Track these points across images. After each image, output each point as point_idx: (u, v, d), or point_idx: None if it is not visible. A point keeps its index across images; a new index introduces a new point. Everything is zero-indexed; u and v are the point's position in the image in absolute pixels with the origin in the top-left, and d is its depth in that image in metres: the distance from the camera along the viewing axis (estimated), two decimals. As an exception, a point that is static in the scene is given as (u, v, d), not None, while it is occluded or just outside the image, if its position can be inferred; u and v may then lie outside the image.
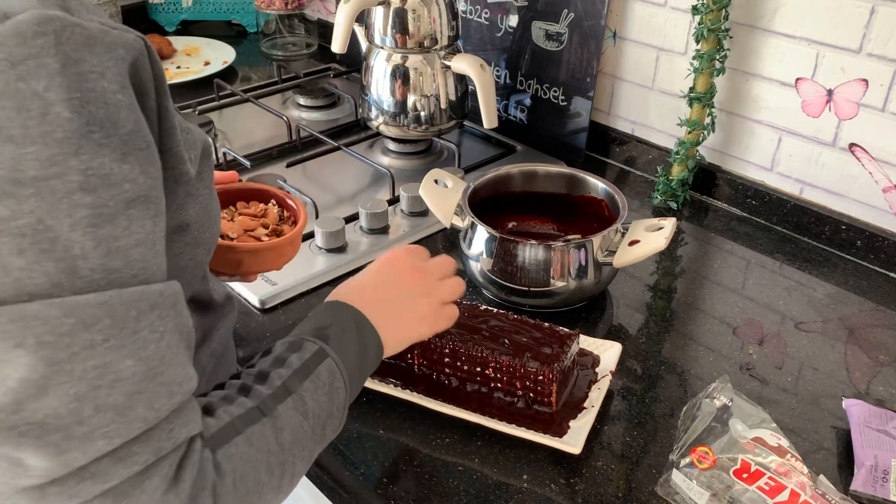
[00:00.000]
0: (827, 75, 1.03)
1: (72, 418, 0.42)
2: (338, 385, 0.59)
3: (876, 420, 0.76)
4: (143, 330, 0.44)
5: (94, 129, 0.42)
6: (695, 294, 0.99)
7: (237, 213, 0.81)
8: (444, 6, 1.18)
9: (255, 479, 0.51)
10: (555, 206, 1.04)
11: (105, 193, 0.43)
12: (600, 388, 0.79)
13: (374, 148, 1.34)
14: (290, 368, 0.57)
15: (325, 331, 0.62)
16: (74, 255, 0.42)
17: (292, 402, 0.55)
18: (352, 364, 0.61)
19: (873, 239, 1.04)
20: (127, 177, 0.44)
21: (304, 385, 0.57)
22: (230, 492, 0.49)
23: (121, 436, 0.43)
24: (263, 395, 0.54)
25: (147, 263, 0.45)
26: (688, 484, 0.69)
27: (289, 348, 0.59)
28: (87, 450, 0.42)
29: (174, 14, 1.84)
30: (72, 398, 0.42)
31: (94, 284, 0.42)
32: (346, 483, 0.73)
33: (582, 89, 1.25)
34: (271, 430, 0.53)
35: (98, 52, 0.43)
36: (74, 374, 0.42)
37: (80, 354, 0.42)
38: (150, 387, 0.45)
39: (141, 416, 0.44)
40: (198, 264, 0.59)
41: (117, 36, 0.44)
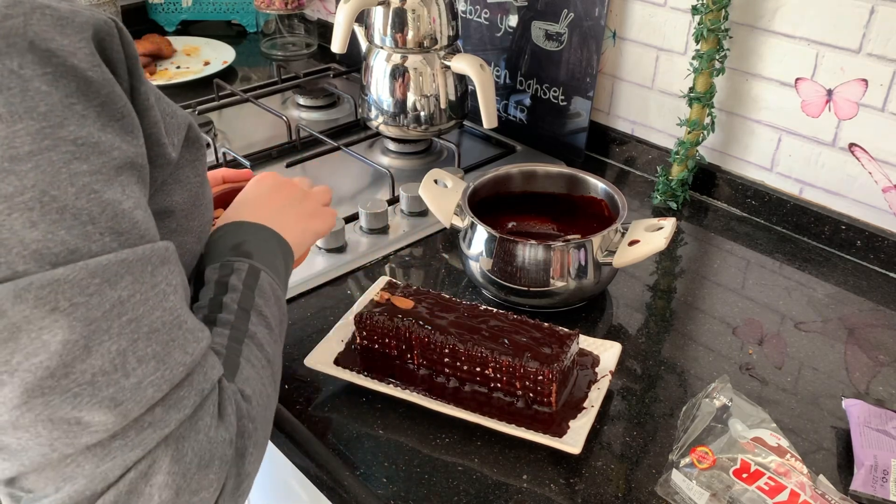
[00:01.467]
0: (827, 75, 1.03)
1: (119, 373, 0.44)
2: (278, 293, 0.64)
3: (876, 420, 0.76)
4: (160, 283, 0.47)
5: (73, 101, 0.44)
6: (694, 294, 0.99)
7: None
8: (443, 6, 1.18)
9: (266, 394, 0.56)
10: (555, 206, 1.04)
11: (97, 160, 0.44)
12: (600, 388, 0.79)
13: (374, 148, 1.34)
14: (237, 291, 0.60)
15: (244, 247, 0.64)
16: (83, 220, 0.43)
17: (255, 318, 0.59)
18: (279, 270, 0.66)
19: (873, 239, 1.04)
20: (112, 144, 0.46)
21: (256, 301, 0.60)
22: (258, 411, 0.54)
23: (167, 382, 0.45)
24: (230, 321, 0.58)
25: (148, 224, 0.48)
26: (687, 484, 0.69)
27: (221, 272, 0.61)
28: (139, 399, 0.44)
29: (174, 14, 1.84)
30: (115, 354, 0.44)
31: (108, 247, 0.44)
32: (346, 483, 0.73)
33: (582, 89, 1.25)
34: (256, 348, 0.57)
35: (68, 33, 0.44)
36: (112, 330, 0.43)
37: (113, 311, 0.44)
38: (180, 333, 0.47)
39: (180, 361, 0.46)
40: (187, 252, 0.60)
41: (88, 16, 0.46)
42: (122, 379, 0.44)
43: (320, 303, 0.96)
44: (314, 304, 0.96)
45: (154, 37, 1.68)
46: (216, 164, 1.25)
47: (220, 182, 0.84)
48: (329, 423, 0.78)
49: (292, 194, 0.75)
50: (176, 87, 1.55)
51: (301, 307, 0.95)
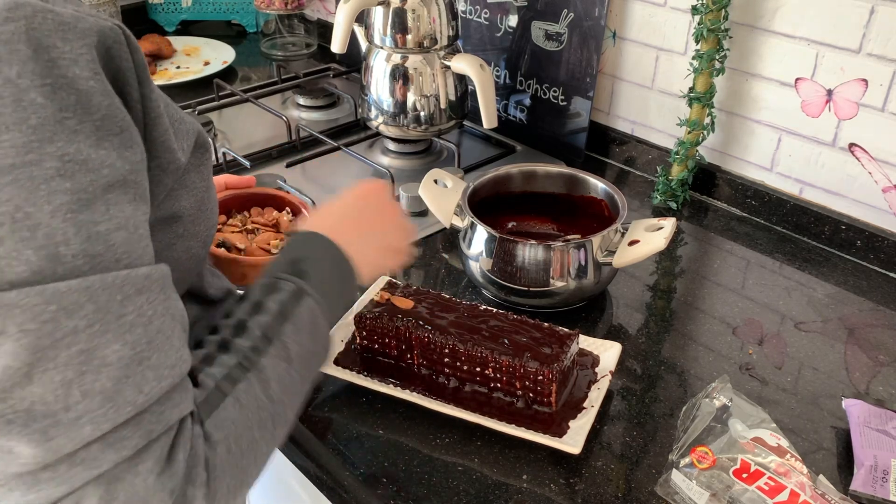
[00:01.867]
0: (827, 75, 1.03)
1: (59, 405, 0.42)
2: (319, 322, 0.59)
3: (876, 420, 0.76)
4: (129, 314, 0.44)
5: (67, 116, 0.42)
6: (694, 294, 0.99)
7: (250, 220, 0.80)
8: (443, 6, 1.18)
9: (249, 438, 0.51)
10: (555, 206, 1.04)
11: (83, 179, 0.43)
12: (600, 388, 0.79)
13: (374, 148, 1.34)
14: (269, 314, 0.56)
15: (301, 265, 0.61)
16: (56, 241, 0.42)
17: (274, 350, 0.55)
18: (331, 297, 0.61)
19: (873, 239, 1.04)
20: (104, 161, 0.44)
21: (285, 329, 0.56)
22: (224, 459, 0.49)
23: (109, 420, 0.43)
24: (244, 349, 0.54)
25: (130, 247, 0.45)
26: (687, 484, 0.69)
27: (265, 291, 0.58)
28: (73, 436, 0.42)
29: (174, 14, 1.84)
30: (58, 384, 0.42)
31: (77, 270, 0.42)
32: (346, 483, 0.73)
33: (582, 89, 1.25)
34: (258, 385, 0.53)
35: (70, 39, 0.43)
36: (59, 360, 0.42)
37: (64, 341, 0.42)
38: (139, 370, 0.44)
39: (130, 401, 0.44)
40: (192, 257, 0.59)
41: (92, 23, 0.44)
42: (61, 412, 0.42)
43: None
44: (314, 304, 0.95)
45: (154, 37, 1.68)
46: (216, 165, 1.25)
47: (222, 188, 0.84)
48: (329, 423, 0.78)
49: (388, 224, 0.71)
50: (176, 87, 1.55)
51: (301, 307, 0.95)
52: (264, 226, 0.80)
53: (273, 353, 0.55)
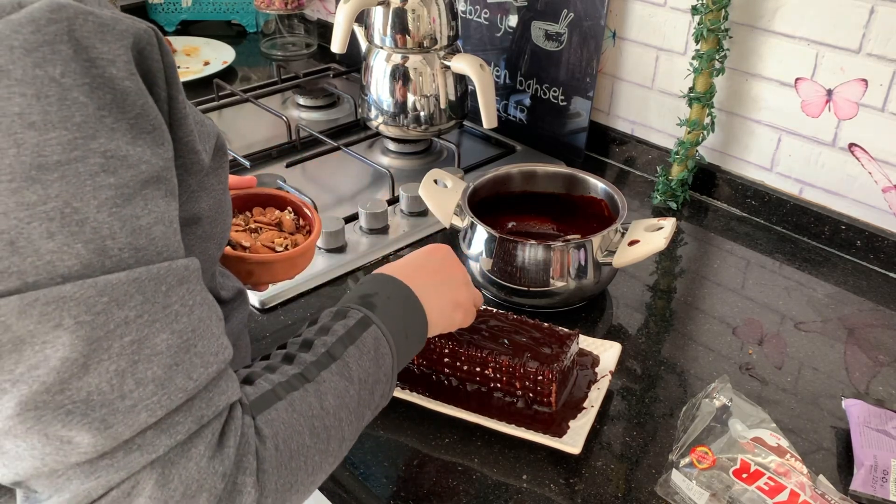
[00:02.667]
0: (826, 75, 1.03)
1: (115, 394, 0.43)
2: (383, 351, 0.61)
3: (875, 420, 0.76)
4: (173, 304, 0.46)
5: (105, 114, 0.44)
6: (694, 294, 0.99)
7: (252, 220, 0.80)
8: (443, 6, 1.18)
9: (299, 443, 0.52)
10: (554, 206, 1.04)
11: (125, 174, 0.44)
12: (600, 388, 0.79)
13: (374, 148, 1.34)
14: (335, 335, 0.58)
15: (370, 299, 0.63)
16: (103, 235, 0.43)
17: (336, 367, 0.57)
18: (397, 332, 0.63)
19: (873, 239, 1.04)
20: (141, 158, 0.45)
21: (349, 351, 0.58)
22: (273, 455, 0.50)
23: (163, 407, 0.45)
24: (307, 362, 0.56)
25: (168, 241, 0.47)
26: (687, 484, 0.69)
27: (334, 317, 0.60)
28: (131, 423, 0.43)
29: (174, 14, 1.85)
30: (113, 374, 0.43)
31: (124, 263, 0.44)
32: (346, 483, 0.73)
33: (581, 89, 1.25)
34: (314, 395, 0.54)
35: (108, 40, 0.44)
36: (113, 350, 0.43)
37: (117, 331, 0.43)
38: (187, 358, 0.46)
39: (181, 387, 0.45)
40: (208, 258, 0.60)
41: (129, 24, 0.46)
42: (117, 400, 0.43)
43: (320, 303, 0.96)
44: (314, 304, 0.96)
45: (154, 37, 1.68)
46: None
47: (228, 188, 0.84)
48: (329, 423, 0.78)
49: (456, 279, 0.73)
50: (176, 87, 1.55)
51: (301, 307, 0.95)
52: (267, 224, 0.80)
53: (334, 369, 0.57)
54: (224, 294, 0.69)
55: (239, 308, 0.72)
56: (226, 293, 0.69)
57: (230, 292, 0.70)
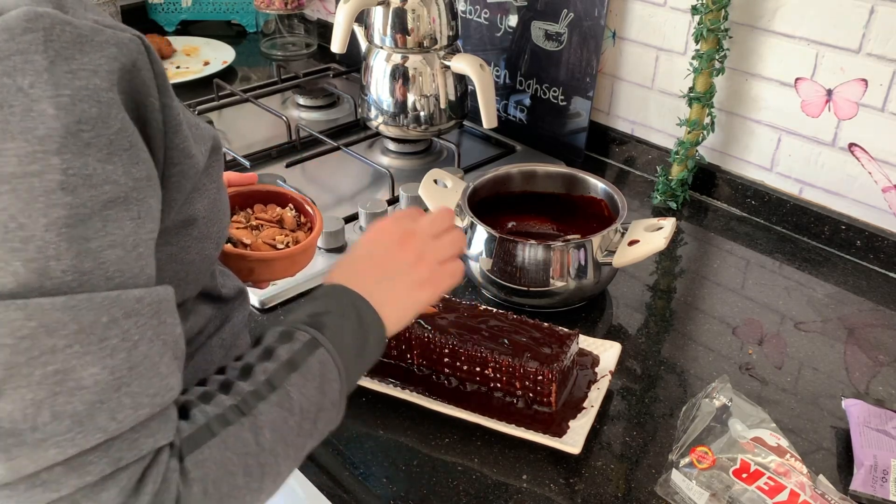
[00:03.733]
0: (826, 75, 1.03)
1: (27, 424, 0.41)
2: (330, 377, 0.56)
3: (875, 420, 0.76)
4: (112, 337, 0.43)
5: (84, 128, 0.42)
6: (694, 294, 0.99)
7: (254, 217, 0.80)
8: (443, 6, 1.18)
9: (231, 484, 0.49)
10: (554, 206, 1.04)
11: (84, 194, 0.42)
12: (600, 388, 0.79)
13: (374, 148, 1.34)
14: (277, 361, 0.54)
15: (321, 318, 0.58)
16: (48, 255, 0.41)
17: (276, 397, 0.52)
18: (349, 352, 0.58)
19: (873, 239, 1.04)
20: (109, 177, 0.43)
21: (291, 379, 0.54)
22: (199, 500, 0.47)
23: (76, 445, 0.42)
24: (244, 392, 0.52)
25: (124, 266, 0.44)
26: (687, 484, 0.69)
27: (279, 339, 0.56)
28: (36, 458, 0.41)
29: (174, 14, 1.84)
30: (28, 403, 0.41)
31: (65, 286, 0.41)
32: (346, 483, 0.73)
33: (581, 89, 1.25)
34: (249, 430, 0.50)
35: (88, 51, 0.42)
36: (33, 378, 0.41)
37: (40, 359, 0.41)
38: (115, 397, 0.43)
39: (101, 427, 0.42)
40: (205, 258, 0.59)
41: (111, 35, 0.44)
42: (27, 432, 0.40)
43: (320, 303, 0.96)
44: (314, 304, 0.96)
45: (154, 37, 1.68)
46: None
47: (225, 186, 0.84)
48: (329, 423, 0.78)
49: (406, 257, 0.65)
50: (176, 87, 1.54)
51: (301, 307, 0.95)
52: (268, 221, 0.80)
53: (273, 400, 0.52)
54: (225, 292, 0.68)
55: (239, 307, 0.72)
56: (227, 291, 0.69)
57: (232, 291, 0.70)
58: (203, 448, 0.48)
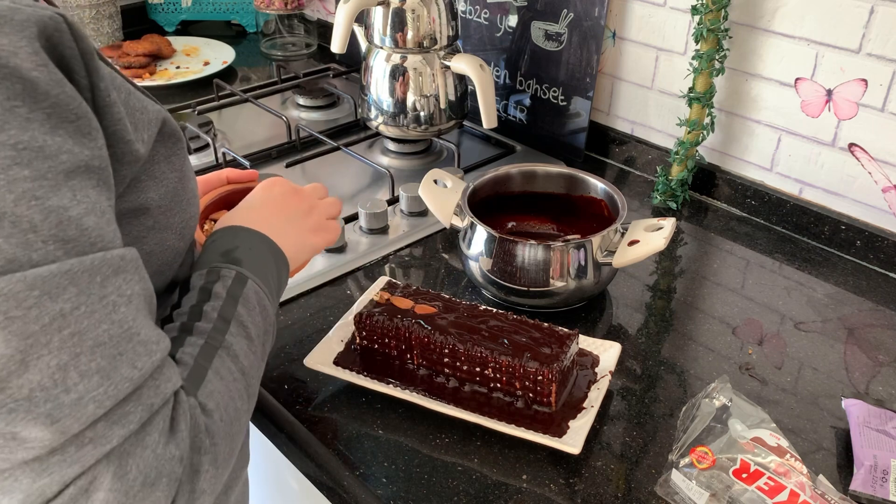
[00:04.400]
0: (826, 75, 1.03)
1: (59, 388, 0.42)
2: (265, 303, 0.62)
3: (875, 420, 0.76)
4: (110, 294, 0.45)
5: (17, 104, 0.42)
6: (694, 294, 0.99)
7: None
8: (443, 6, 1.18)
9: (234, 408, 0.54)
10: (554, 206, 1.04)
11: (41, 165, 0.43)
12: (599, 389, 0.79)
13: (374, 148, 1.34)
14: (219, 299, 0.59)
15: (233, 254, 0.63)
16: (24, 229, 0.41)
17: (235, 328, 0.58)
18: (270, 280, 0.64)
19: (873, 239, 1.04)
20: (62, 148, 0.44)
21: (238, 311, 0.59)
22: (220, 426, 0.51)
23: (111, 398, 0.44)
24: (207, 330, 0.56)
25: (102, 231, 0.46)
26: (687, 484, 0.69)
27: (207, 279, 0.60)
28: (79, 416, 0.43)
29: (174, 14, 1.85)
30: (55, 368, 0.42)
31: (51, 255, 0.42)
32: (346, 483, 0.73)
33: (581, 89, 1.25)
34: (229, 359, 0.56)
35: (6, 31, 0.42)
36: (52, 344, 0.42)
37: (53, 324, 0.42)
38: (130, 347, 0.45)
39: (126, 377, 0.45)
40: (167, 249, 0.58)
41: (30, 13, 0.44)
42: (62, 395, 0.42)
43: (320, 303, 0.96)
44: (314, 304, 0.96)
45: (154, 37, 1.68)
46: (216, 165, 1.25)
47: (224, 182, 0.84)
48: (329, 423, 0.78)
49: (298, 206, 0.73)
50: (176, 87, 1.55)
51: (301, 307, 0.95)
52: None
53: (234, 331, 0.57)
54: None
55: None
56: None
57: None
58: (205, 383, 0.53)
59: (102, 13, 1.67)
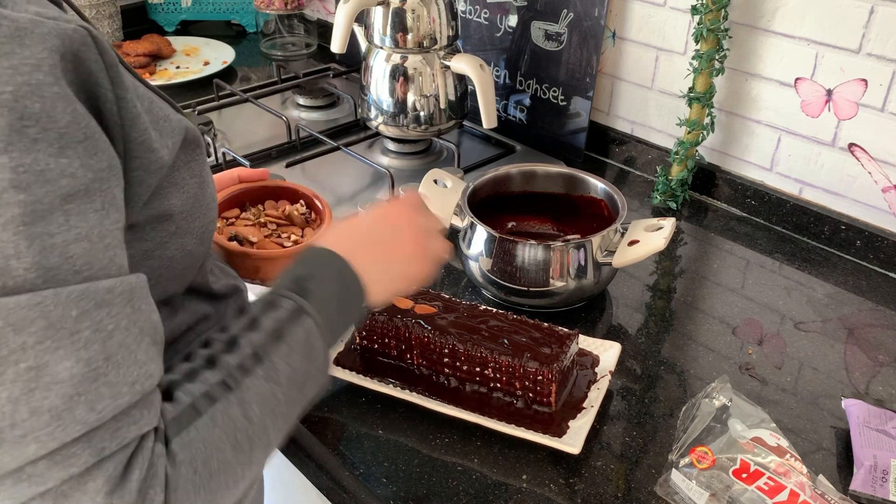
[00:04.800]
0: (826, 75, 1.03)
1: (5, 421, 0.41)
2: (316, 345, 0.57)
3: (875, 420, 0.76)
4: (84, 330, 0.43)
5: (28, 124, 0.41)
6: (694, 294, 0.99)
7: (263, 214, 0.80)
8: (443, 6, 1.18)
9: (220, 460, 0.49)
10: (554, 206, 1.04)
11: (39, 190, 0.41)
12: (599, 388, 0.79)
13: (374, 148, 1.34)
14: (263, 332, 0.54)
15: (306, 283, 0.58)
16: (6, 254, 0.40)
17: (262, 370, 0.53)
18: (333, 319, 0.59)
19: (873, 239, 1.04)
20: (65, 171, 0.43)
21: (278, 349, 0.54)
22: (189, 480, 0.47)
23: (56, 440, 0.42)
24: (230, 367, 0.52)
25: (92, 258, 0.44)
26: (687, 484, 0.69)
27: (264, 308, 0.56)
28: (17, 455, 0.41)
29: (173, 14, 1.84)
30: (4, 401, 0.41)
31: (30, 284, 0.41)
32: (346, 483, 0.73)
33: (581, 89, 1.25)
34: (237, 405, 0.51)
35: (28, 44, 0.41)
36: (6, 377, 0.41)
37: (11, 357, 0.41)
38: (92, 388, 0.43)
39: (80, 419, 0.42)
40: (188, 254, 0.58)
41: (52, 26, 0.43)
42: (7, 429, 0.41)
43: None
44: (314, 304, 0.95)
45: (154, 37, 1.68)
46: (216, 165, 1.25)
47: (235, 181, 0.84)
48: (329, 423, 0.78)
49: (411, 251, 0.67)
50: (176, 87, 1.55)
51: (301, 307, 0.95)
52: (276, 219, 0.80)
53: (260, 373, 0.53)
54: (217, 288, 0.68)
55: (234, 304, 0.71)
56: (219, 288, 0.68)
57: (225, 288, 0.69)
58: (189, 429, 0.48)
59: (102, 13, 1.67)
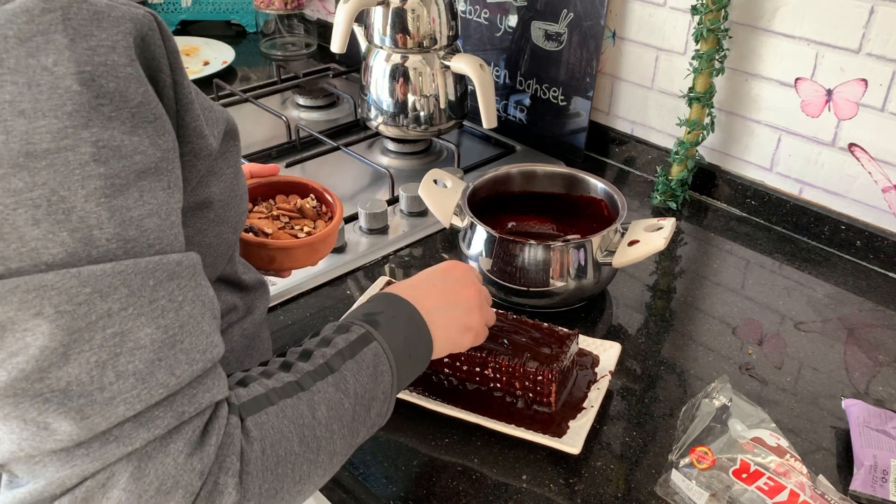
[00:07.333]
0: (826, 75, 1.03)
1: (94, 385, 0.43)
2: (383, 369, 0.60)
3: (875, 420, 0.76)
4: (160, 299, 0.45)
5: (104, 102, 0.43)
6: (694, 294, 0.99)
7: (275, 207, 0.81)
8: (443, 6, 1.18)
9: (287, 449, 0.52)
10: (554, 206, 1.04)
11: (116, 164, 0.44)
12: (599, 388, 0.79)
13: (374, 148, 1.34)
14: (335, 348, 0.58)
15: (375, 317, 0.62)
16: (90, 224, 0.43)
17: (333, 379, 0.56)
18: (399, 352, 0.62)
19: (873, 239, 1.04)
20: (137, 148, 0.45)
21: (347, 364, 0.57)
22: (258, 457, 0.49)
23: (142, 401, 0.44)
24: (303, 371, 0.55)
25: (163, 233, 0.47)
26: (687, 484, 0.69)
27: (336, 330, 0.60)
28: (108, 415, 0.43)
29: (173, 14, 1.84)
30: (93, 365, 0.43)
31: (111, 254, 0.44)
32: (346, 483, 0.73)
33: (581, 89, 1.25)
34: (306, 404, 0.54)
35: (105, 27, 0.44)
36: (94, 342, 0.43)
37: (99, 323, 0.43)
38: (171, 354, 0.46)
39: (162, 382, 0.45)
40: (223, 242, 0.60)
41: (125, 10, 0.45)
42: (96, 392, 0.43)
43: (320, 303, 0.96)
44: (314, 304, 0.96)
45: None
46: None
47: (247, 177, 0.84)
48: (329, 424, 0.78)
49: (470, 299, 0.71)
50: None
51: (301, 307, 0.95)
52: (289, 212, 0.81)
53: (330, 381, 0.56)
54: (245, 279, 0.70)
55: (261, 298, 0.73)
56: (247, 279, 0.70)
57: (252, 280, 0.71)
58: (261, 412, 0.51)
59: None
